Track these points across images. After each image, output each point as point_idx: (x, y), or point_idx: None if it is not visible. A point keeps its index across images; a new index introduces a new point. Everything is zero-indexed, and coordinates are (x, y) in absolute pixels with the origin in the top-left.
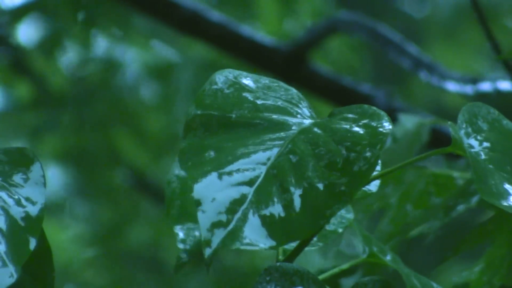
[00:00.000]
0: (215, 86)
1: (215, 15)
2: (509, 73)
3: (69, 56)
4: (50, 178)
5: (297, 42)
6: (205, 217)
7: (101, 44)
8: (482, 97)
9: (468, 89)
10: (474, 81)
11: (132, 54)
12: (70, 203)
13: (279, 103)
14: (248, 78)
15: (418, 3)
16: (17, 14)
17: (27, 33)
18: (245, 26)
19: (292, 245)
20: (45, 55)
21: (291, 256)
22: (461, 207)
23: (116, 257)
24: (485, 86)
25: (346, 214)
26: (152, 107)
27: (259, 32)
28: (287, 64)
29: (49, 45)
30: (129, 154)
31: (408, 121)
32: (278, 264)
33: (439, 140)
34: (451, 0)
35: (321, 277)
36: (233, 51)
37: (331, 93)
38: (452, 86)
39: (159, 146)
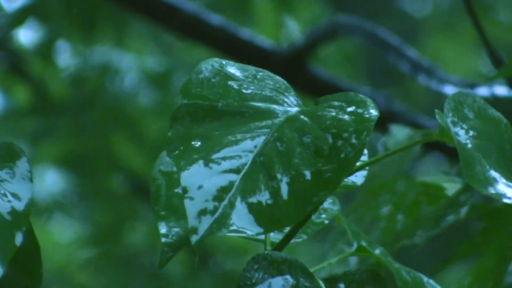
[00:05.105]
0: (201, 76)
1: (215, 18)
2: (507, 80)
3: (67, 62)
4: (49, 182)
5: (297, 46)
6: (192, 205)
7: (99, 50)
8: None
9: None
10: (472, 85)
11: (129, 60)
12: (68, 207)
13: (266, 91)
14: (234, 67)
15: (417, 1)
16: (16, 18)
17: (25, 37)
18: (244, 30)
19: (279, 237)
20: (43, 60)
21: (280, 245)
22: (450, 218)
23: (114, 261)
24: (483, 91)
25: (332, 206)
26: (149, 111)
27: (259, 36)
28: (286, 67)
29: (47, 50)
30: (127, 159)
31: (400, 133)
32: (266, 252)
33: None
34: None
35: (312, 270)
36: (233, 54)
37: None
38: (450, 90)
39: (157, 151)
